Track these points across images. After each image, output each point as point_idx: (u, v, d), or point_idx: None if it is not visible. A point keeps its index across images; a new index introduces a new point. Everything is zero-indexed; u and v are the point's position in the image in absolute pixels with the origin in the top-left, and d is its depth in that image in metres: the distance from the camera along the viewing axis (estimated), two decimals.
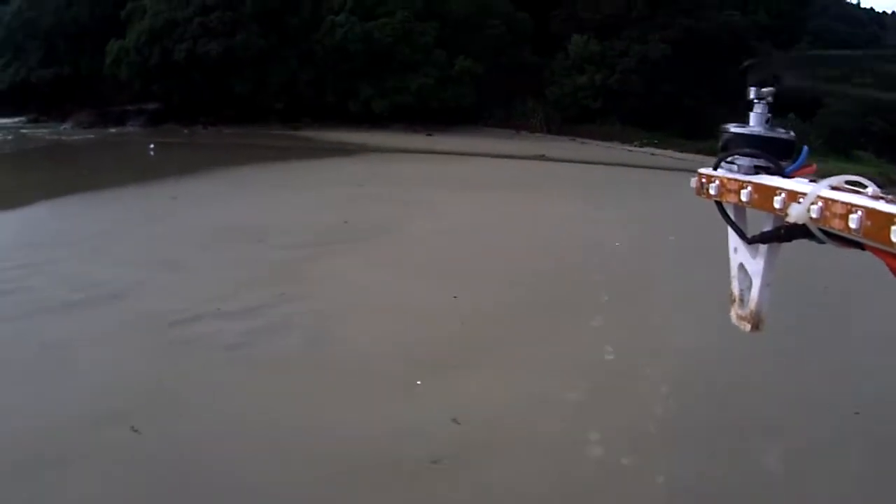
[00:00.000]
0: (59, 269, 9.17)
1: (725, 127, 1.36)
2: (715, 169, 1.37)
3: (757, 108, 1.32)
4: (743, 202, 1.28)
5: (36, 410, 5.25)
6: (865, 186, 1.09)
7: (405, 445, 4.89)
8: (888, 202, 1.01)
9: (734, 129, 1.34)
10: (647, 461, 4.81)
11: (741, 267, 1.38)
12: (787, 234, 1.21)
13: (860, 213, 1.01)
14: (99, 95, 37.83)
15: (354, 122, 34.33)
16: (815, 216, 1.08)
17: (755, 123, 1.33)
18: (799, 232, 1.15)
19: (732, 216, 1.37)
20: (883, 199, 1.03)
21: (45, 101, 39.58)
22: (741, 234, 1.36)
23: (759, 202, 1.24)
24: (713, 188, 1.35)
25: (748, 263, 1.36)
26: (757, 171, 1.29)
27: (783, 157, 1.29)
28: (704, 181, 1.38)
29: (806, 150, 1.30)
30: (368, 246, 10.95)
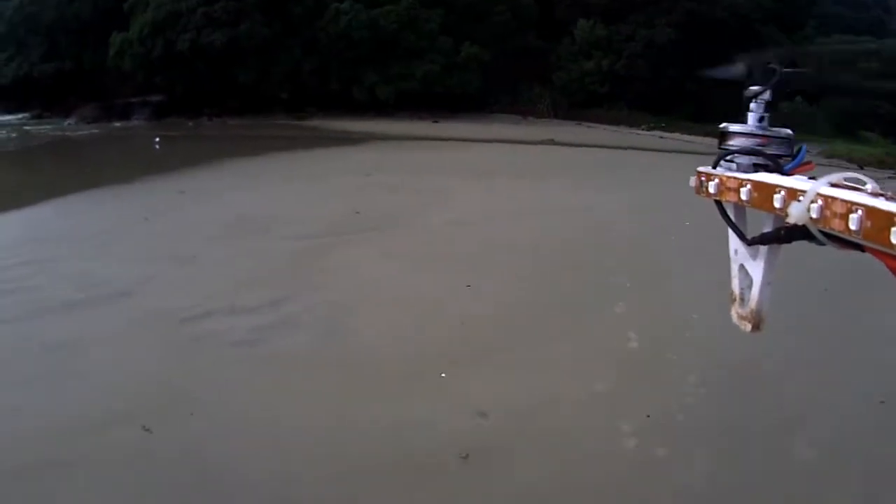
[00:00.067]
0: (67, 266, 9.01)
1: (724, 126, 1.38)
2: (714, 167, 1.38)
3: (754, 106, 1.34)
4: (742, 200, 1.28)
5: (47, 411, 5.13)
6: (865, 183, 1.08)
7: (433, 440, 4.81)
8: (888, 199, 1.01)
9: (733, 128, 1.36)
10: (679, 453, 4.69)
11: (741, 267, 1.40)
12: (786, 235, 1.21)
13: (860, 212, 1.00)
14: (102, 89, 37.67)
15: (359, 110, 34.13)
16: (815, 216, 1.07)
17: (753, 122, 1.34)
18: (799, 233, 1.15)
19: (732, 217, 1.38)
20: (882, 196, 1.03)
21: (48, 96, 39.41)
22: (741, 235, 1.37)
23: (758, 200, 1.24)
24: (712, 186, 1.35)
25: (748, 264, 1.37)
26: (756, 169, 1.30)
27: (782, 155, 1.31)
28: (704, 179, 1.39)
29: (804, 148, 1.32)
30: (382, 236, 10.79)
